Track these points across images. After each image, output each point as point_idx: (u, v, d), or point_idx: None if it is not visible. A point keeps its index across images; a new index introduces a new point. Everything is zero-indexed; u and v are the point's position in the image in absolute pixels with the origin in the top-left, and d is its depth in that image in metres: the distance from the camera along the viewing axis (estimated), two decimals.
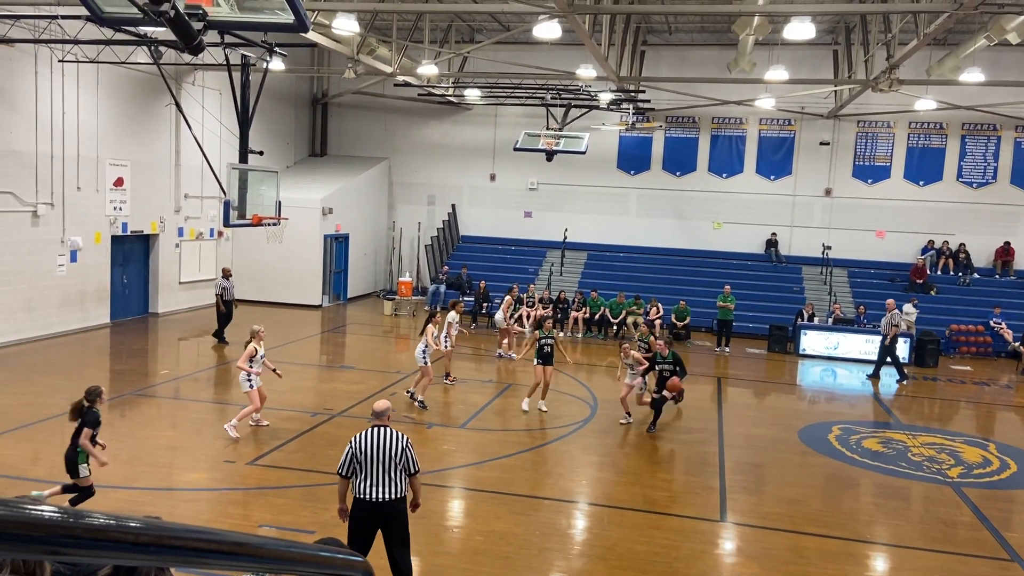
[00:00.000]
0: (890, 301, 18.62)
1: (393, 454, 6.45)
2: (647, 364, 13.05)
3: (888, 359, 17.82)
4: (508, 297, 19.34)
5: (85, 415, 8.20)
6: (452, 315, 15.08)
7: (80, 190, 18.17)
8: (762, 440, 12.92)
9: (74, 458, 8.14)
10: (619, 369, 13.92)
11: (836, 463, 11.54)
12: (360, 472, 6.44)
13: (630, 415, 12.99)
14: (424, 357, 13.17)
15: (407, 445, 6.54)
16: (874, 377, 17.91)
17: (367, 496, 6.41)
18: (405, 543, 6.61)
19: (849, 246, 24.65)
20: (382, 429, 6.59)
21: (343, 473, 6.52)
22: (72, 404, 8.35)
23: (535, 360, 13.42)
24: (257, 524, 8.37)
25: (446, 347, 14.59)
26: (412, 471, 6.55)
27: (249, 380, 11.26)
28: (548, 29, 15.78)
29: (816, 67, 23.99)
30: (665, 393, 12.53)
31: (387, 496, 6.41)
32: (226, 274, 18.48)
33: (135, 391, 13.54)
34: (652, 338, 14.33)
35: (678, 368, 12.95)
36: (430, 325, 13.57)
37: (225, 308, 18.07)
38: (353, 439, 6.57)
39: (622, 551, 8.19)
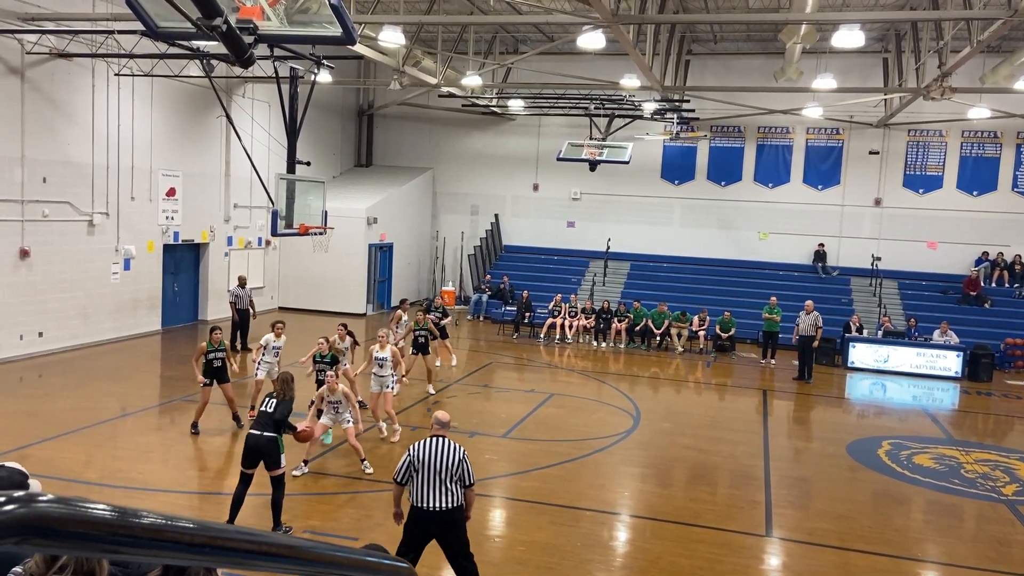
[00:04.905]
0: (809, 303, 18.58)
1: (450, 464, 6.49)
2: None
3: (805, 357, 18.04)
4: (397, 313, 16.31)
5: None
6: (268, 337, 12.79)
7: (134, 200, 18.64)
8: (809, 454, 12.72)
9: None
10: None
11: (886, 479, 11.29)
12: (416, 480, 6.50)
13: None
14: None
15: (464, 457, 6.59)
16: (803, 379, 17.82)
17: (422, 505, 6.47)
18: (466, 553, 6.66)
19: (900, 257, 24.17)
20: (441, 439, 6.63)
21: (399, 480, 6.59)
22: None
23: (411, 350, 14.74)
24: (302, 530, 8.47)
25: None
26: (468, 483, 6.59)
27: None
28: (592, 39, 15.79)
29: (865, 75, 23.62)
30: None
31: (442, 505, 6.46)
32: (241, 282, 18.52)
33: (184, 397, 13.81)
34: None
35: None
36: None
37: (239, 317, 18.13)
38: (412, 447, 6.63)
39: (665, 564, 8.10)
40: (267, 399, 8.54)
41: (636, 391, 16.54)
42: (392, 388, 12.01)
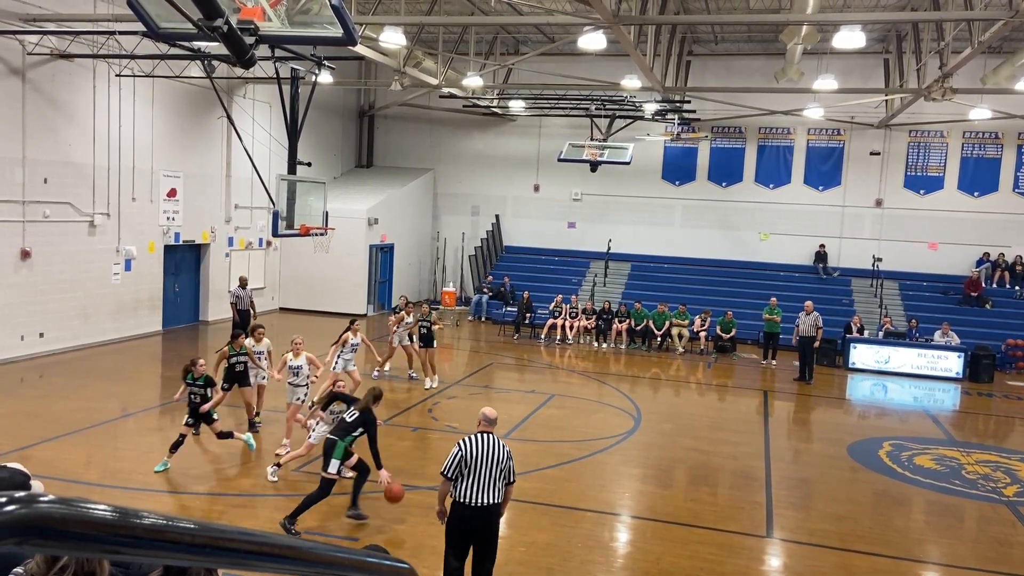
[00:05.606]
0: (808, 303, 18.56)
1: (499, 460, 6.57)
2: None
3: (805, 358, 18.02)
4: (400, 314, 15.86)
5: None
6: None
7: (135, 200, 18.65)
8: (810, 455, 12.71)
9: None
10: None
11: (887, 479, 11.28)
12: (466, 476, 6.52)
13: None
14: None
15: (510, 455, 6.69)
16: (805, 380, 17.81)
17: (469, 500, 6.50)
18: (493, 554, 6.69)
19: (900, 258, 24.16)
20: (490, 436, 6.69)
21: (448, 475, 6.58)
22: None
23: (418, 344, 15.41)
24: (303, 531, 8.47)
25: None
26: (511, 480, 6.69)
27: None
28: (593, 40, 15.79)
29: (866, 76, 23.63)
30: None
31: (488, 501, 6.52)
32: (242, 283, 18.54)
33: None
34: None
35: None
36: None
37: (240, 317, 18.09)
38: (462, 443, 6.62)
39: (666, 565, 8.10)
40: (351, 409, 8.79)
41: (637, 392, 16.54)
42: (304, 399, 11.16)
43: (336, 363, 13.24)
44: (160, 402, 13.97)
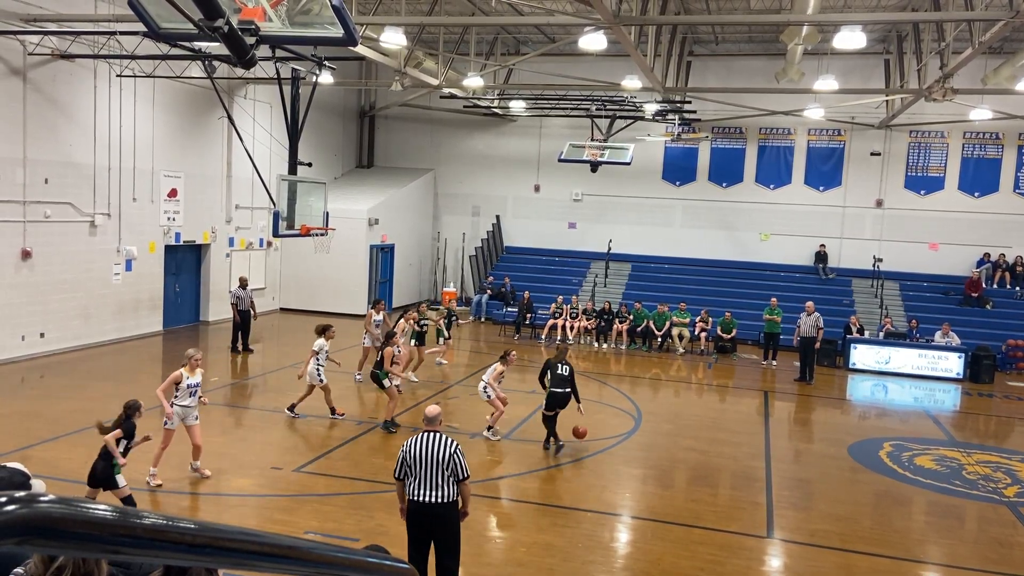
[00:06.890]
0: (809, 304, 18.59)
1: (441, 459, 6.60)
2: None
3: (806, 358, 18.07)
4: (401, 322, 15.55)
5: (124, 425, 8.15)
6: (320, 342, 12.95)
7: (136, 201, 18.65)
8: (810, 456, 12.71)
9: (110, 471, 8.00)
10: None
11: (887, 480, 11.28)
12: (411, 475, 6.66)
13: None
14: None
15: (455, 451, 6.68)
16: (805, 381, 17.84)
17: (417, 497, 6.63)
18: (453, 551, 6.74)
19: (901, 258, 24.16)
20: (432, 435, 6.76)
21: (396, 476, 6.78)
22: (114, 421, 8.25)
23: (412, 341, 15.73)
24: (303, 531, 8.47)
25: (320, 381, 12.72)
26: (460, 477, 6.68)
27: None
28: (593, 40, 15.79)
29: (867, 76, 23.63)
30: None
31: (433, 499, 6.58)
32: (242, 283, 18.54)
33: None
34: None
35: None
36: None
37: (240, 318, 18.12)
38: (405, 443, 6.79)
39: (666, 566, 8.10)
40: (560, 364, 11.57)
41: (637, 392, 16.53)
42: (199, 419, 10.14)
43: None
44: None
